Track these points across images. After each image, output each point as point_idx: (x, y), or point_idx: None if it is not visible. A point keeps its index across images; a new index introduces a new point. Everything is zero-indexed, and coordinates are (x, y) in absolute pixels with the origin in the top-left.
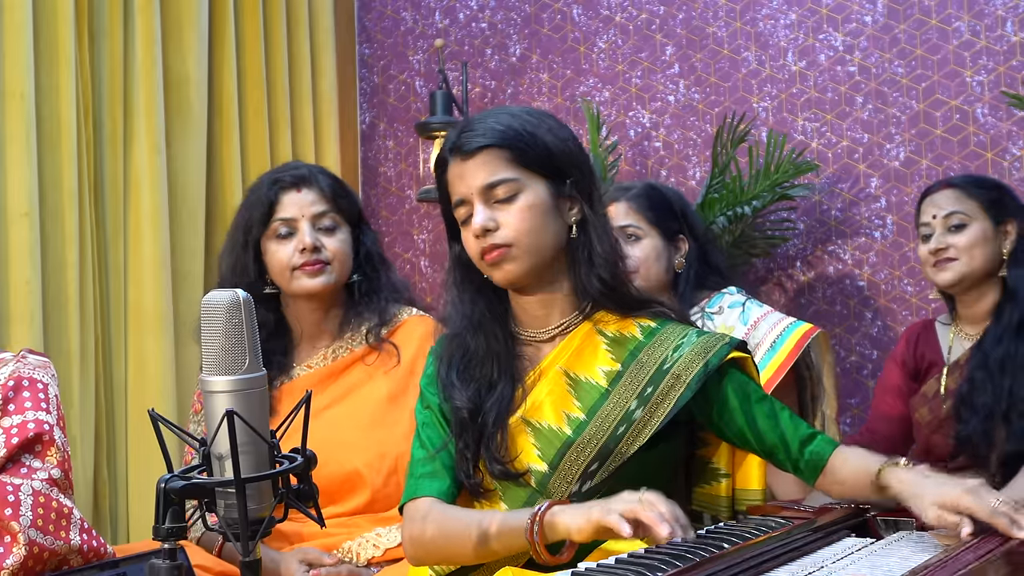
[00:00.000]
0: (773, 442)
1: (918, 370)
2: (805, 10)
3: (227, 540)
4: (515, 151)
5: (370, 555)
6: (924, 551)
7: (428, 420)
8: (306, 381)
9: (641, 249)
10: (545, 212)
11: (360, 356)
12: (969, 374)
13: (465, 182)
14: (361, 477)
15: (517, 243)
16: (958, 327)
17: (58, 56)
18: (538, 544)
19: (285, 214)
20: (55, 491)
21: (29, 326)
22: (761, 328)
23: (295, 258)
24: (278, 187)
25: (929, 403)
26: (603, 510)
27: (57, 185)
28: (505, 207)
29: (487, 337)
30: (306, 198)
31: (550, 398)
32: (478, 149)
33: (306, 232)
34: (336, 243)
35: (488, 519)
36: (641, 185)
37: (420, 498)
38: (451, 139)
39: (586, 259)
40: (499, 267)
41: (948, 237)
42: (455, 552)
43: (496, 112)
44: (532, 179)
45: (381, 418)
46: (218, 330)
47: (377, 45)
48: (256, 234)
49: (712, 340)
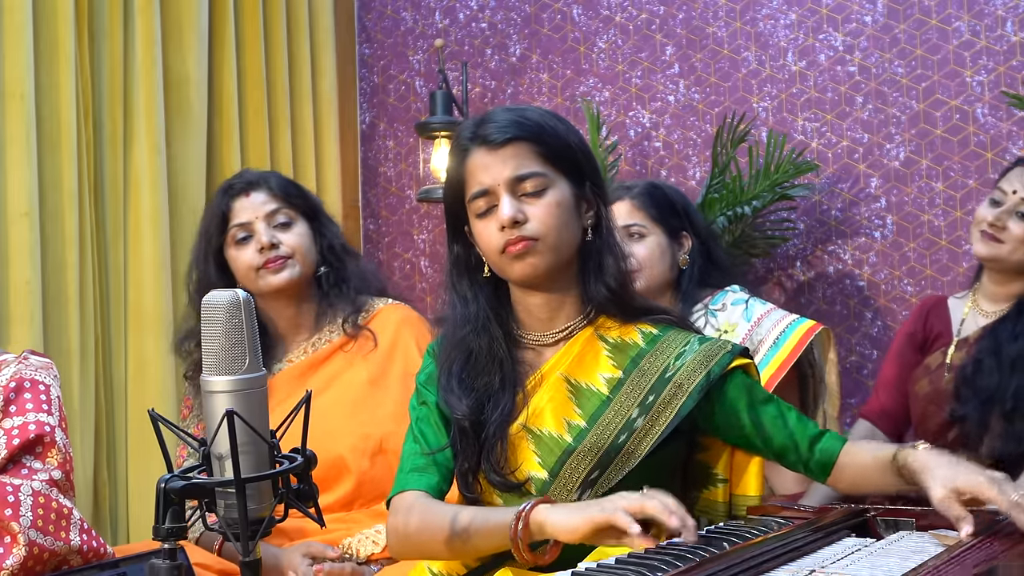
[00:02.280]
0: (783, 444)
1: (926, 340)
2: (805, 10)
3: (227, 540)
4: (544, 146)
5: (370, 551)
6: (924, 551)
7: (424, 417)
8: (288, 375)
9: (645, 247)
10: (569, 210)
11: (339, 346)
12: (977, 355)
13: (491, 173)
14: (345, 463)
15: (544, 238)
16: (975, 301)
17: (58, 56)
18: (521, 541)
19: (239, 219)
20: (55, 492)
21: (29, 326)
22: (764, 325)
23: (256, 259)
24: (229, 195)
25: (931, 375)
26: (604, 508)
27: (57, 185)
28: (533, 201)
29: (490, 340)
30: (256, 199)
31: (551, 405)
32: (508, 140)
33: (262, 232)
34: (293, 237)
35: (471, 513)
36: (643, 184)
37: (407, 491)
38: (470, 129)
39: (596, 265)
40: (522, 259)
41: (1012, 219)
42: (436, 546)
43: (516, 107)
44: (558, 176)
45: (363, 401)
46: (218, 330)
47: (377, 45)
48: (216, 244)
49: (714, 348)
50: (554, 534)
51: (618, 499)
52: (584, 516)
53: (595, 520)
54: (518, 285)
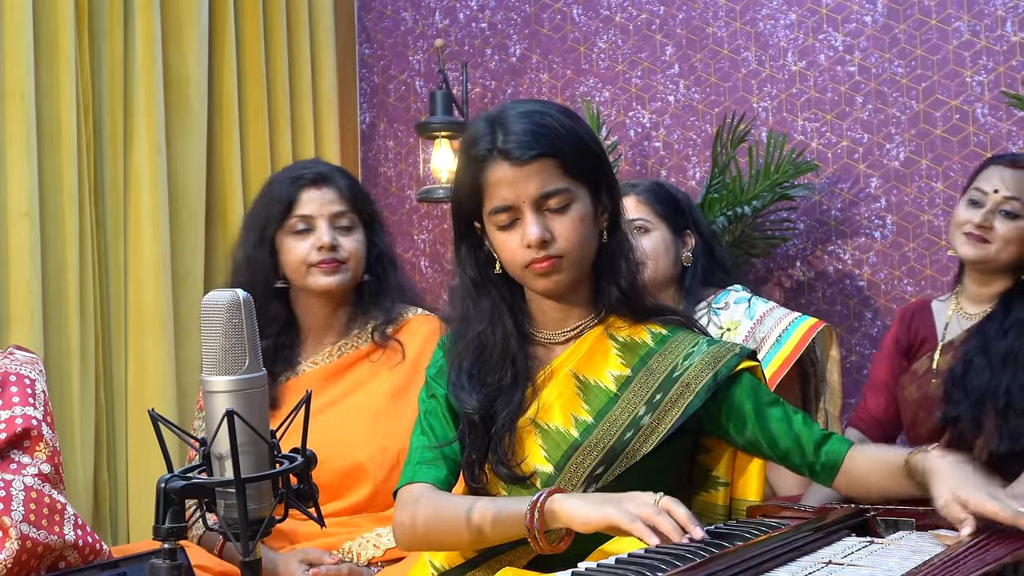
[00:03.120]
0: (788, 446)
1: (911, 346)
2: (805, 10)
3: (227, 540)
4: (567, 161)
5: (370, 555)
6: (924, 551)
7: (433, 410)
8: (311, 377)
9: (650, 241)
10: (589, 222)
11: (365, 353)
12: (965, 356)
13: (515, 190)
14: (364, 470)
15: (569, 255)
16: (958, 303)
17: (58, 56)
18: (538, 531)
19: (304, 211)
20: (47, 487)
21: (29, 326)
22: (767, 323)
23: (312, 255)
24: (298, 184)
25: (919, 380)
26: (622, 512)
27: (57, 185)
28: (557, 217)
29: (504, 335)
30: (325, 196)
31: (559, 400)
32: (534, 158)
33: (324, 231)
34: (352, 243)
35: (484, 504)
36: (648, 182)
37: (415, 483)
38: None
39: (609, 267)
40: (548, 277)
41: (996, 219)
42: (447, 538)
43: (529, 110)
44: (580, 189)
45: (385, 412)
46: (218, 330)
47: (377, 45)
48: (273, 229)
49: (723, 350)
50: (568, 523)
51: (634, 506)
52: (601, 513)
53: (611, 521)
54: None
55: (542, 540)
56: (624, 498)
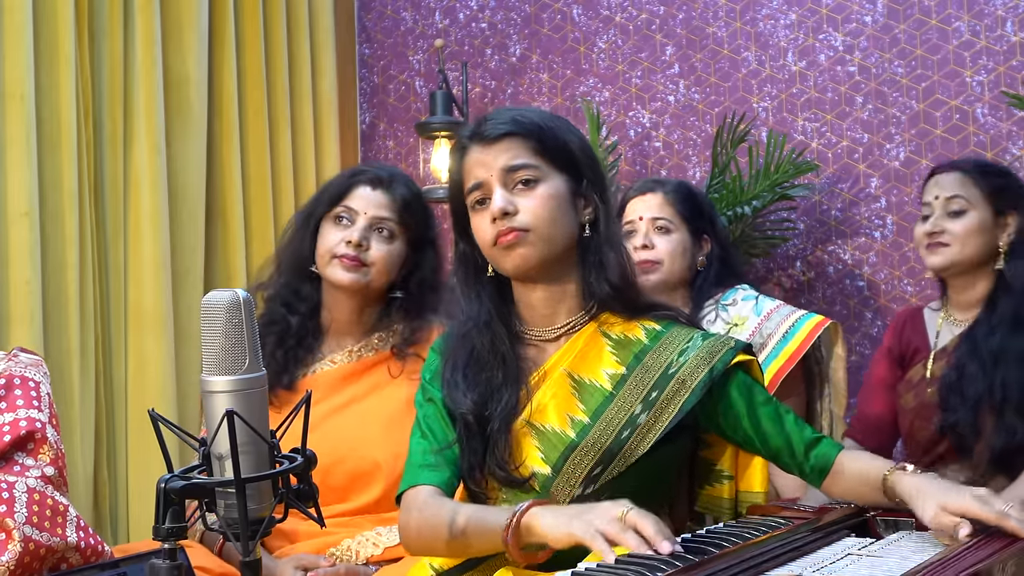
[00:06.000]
0: (778, 445)
1: (903, 356)
2: (805, 10)
3: (227, 540)
4: (538, 141)
5: (370, 553)
6: (924, 551)
7: (432, 414)
8: (328, 376)
9: (669, 242)
10: (562, 204)
11: (384, 359)
12: (958, 362)
13: (485, 165)
14: (380, 466)
15: (534, 229)
16: (947, 312)
17: (58, 56)
18: (511, 545)
19: (349, 203)
20: (50, 488)
21: (29, 326)
22: (774, 319)
23: (340, 247)
24: (356, 180)
25: (914, 388)
26: (585, 528)
27: (57, 185)
28: (524, 193)
29: (493, 337)
30: (375, 198)
31: (554, 401)
32: (502, 135)
33: (359, 228)
34: (383, 251)
35: (467, 514)
36: (676, 182)
37: (418, 486)
38: (470, 128)
39: (596, 262)
40: (512, 250)
41: (945, 221)
42: (436, 545)
43: (517, 108)
44: (552, 170)
45: (399, 420)
46: (218, 330)
47: (377, 45)
48: (320, 213)
49: (717, 344)
50: (542, 537)
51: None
52: (566, 530)
53: (575, 537)
54: (514, 279)
55: (515, 552)
56: (593, 511)
